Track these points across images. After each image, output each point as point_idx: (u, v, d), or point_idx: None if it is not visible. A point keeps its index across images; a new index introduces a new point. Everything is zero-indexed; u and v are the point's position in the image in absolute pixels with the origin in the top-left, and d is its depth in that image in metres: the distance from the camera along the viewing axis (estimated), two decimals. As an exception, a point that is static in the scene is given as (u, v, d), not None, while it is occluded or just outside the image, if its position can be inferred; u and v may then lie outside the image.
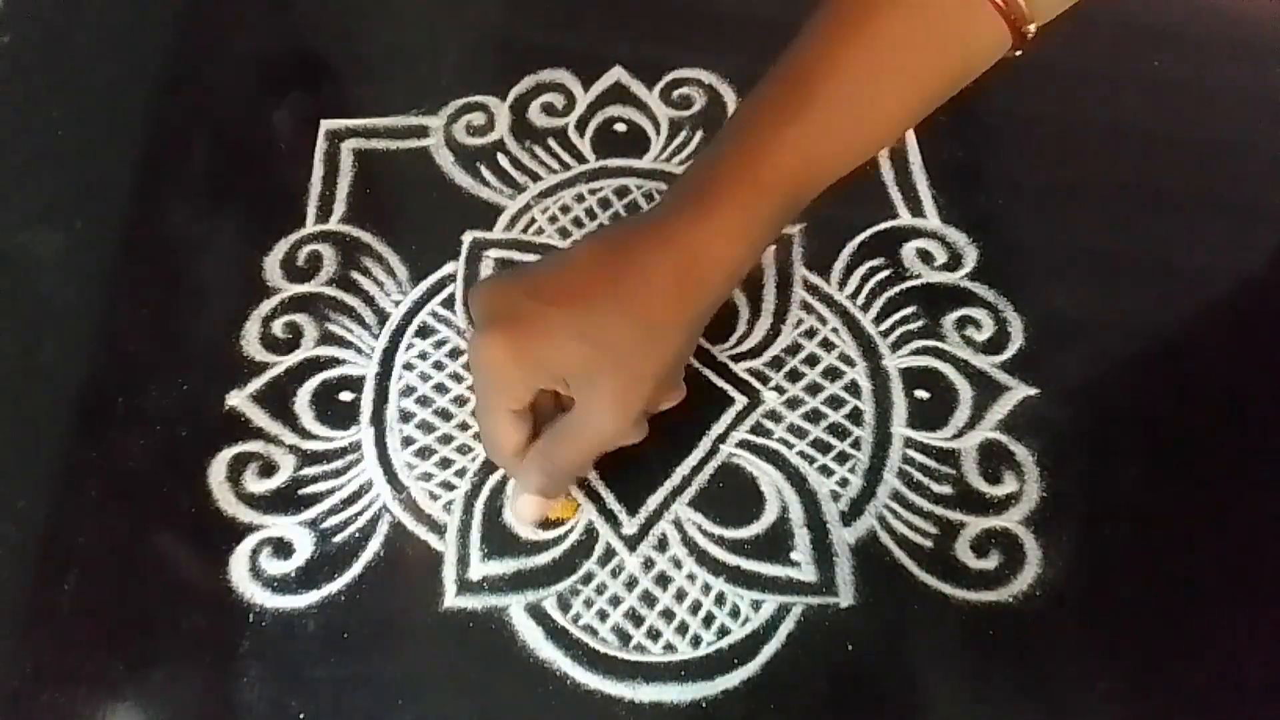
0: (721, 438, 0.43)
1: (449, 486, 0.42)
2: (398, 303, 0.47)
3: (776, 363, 0.45)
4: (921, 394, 0.45)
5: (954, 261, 0.48)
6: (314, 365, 0.45)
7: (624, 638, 0.39)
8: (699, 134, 0.51)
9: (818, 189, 0.36)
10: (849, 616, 0.40)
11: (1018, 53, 0.36)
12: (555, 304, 0.35)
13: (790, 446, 0.43)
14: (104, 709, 0.38)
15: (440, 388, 0.45)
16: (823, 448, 0.43)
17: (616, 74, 0.53)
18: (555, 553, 0.41)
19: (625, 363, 0.35)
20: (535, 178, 0.50)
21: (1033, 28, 0.35)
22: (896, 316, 0.46)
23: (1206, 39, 0.56)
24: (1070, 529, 0.41)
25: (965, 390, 0.45)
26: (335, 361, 0.45)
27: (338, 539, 0.41)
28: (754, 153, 0.35)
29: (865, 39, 0.34)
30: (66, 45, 0.55)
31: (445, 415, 0.44)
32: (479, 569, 0.40)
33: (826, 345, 0.46)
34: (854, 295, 0.47)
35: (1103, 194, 0.50)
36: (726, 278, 0.36)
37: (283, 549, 0.41)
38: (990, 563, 0.41)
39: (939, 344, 0.46)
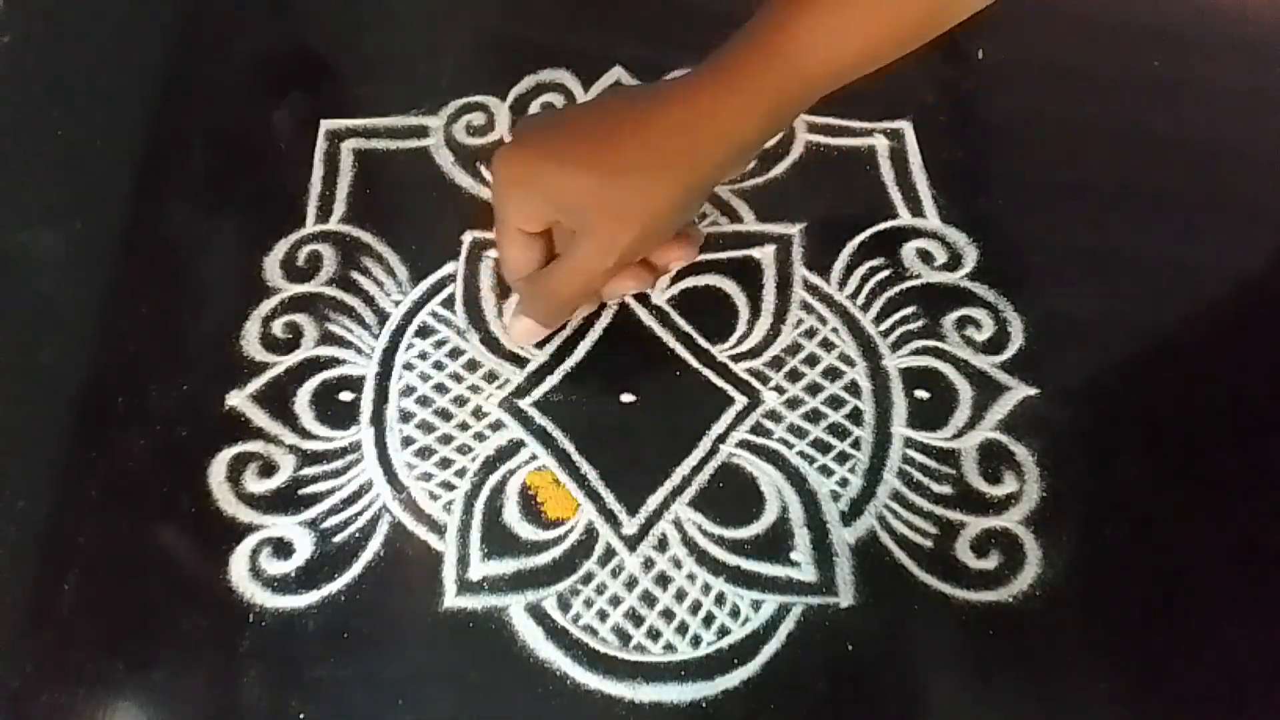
0: (721, 438, 0.43)
1: (449, 486, 0.42)
2: (398, 303, 0.47)
3: (776, 363, 0.45)
4: (921, 394, 0.45)
5: (954, 261, 0.48)
6: (314, 365, 0.45)
7: (624, 638, 0.39)
8: (699, 134, 0.51)
9: (836, 77, 0.38)
10: (849, 616, 0.40)
11: None
12: (565, 132, 0.39)
13: (790, 446, 0.43)
14: (104, 709, 0.38)
15: (440, 388, 0.45)
16: (823, 448, 0.43)
17: (616, 74, 0.53)
18: (555, 553, 0.41)
19: (612, 200, 0.38)
20: (535, 178, 0.50)
21: None
22: (896, 316, 0.46)
23: (1206, 39, 0.56)
24: (1070, 529, 0.41)
25: (965, 390, 0.45)
26: (335, 361, 0.45)
27: (338, 539, 0.41)
28: (773, 23, 0.37)
29: None
30: (66, 45, 0.55)
31: (445, 415, 0.44)
32: (479, 569, 0.40)
33: (826, 345, 0.46)
34: (854, 295, 0.47)
35: (1103, 194, 0.50)
36: (728, 144, 0.38)
37: (283, 549, 0.41)
38: (990, 563, 0.41)
39: (939, 344, 0.46)
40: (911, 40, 0.38)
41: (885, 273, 0.48)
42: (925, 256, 0.48)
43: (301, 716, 0.38)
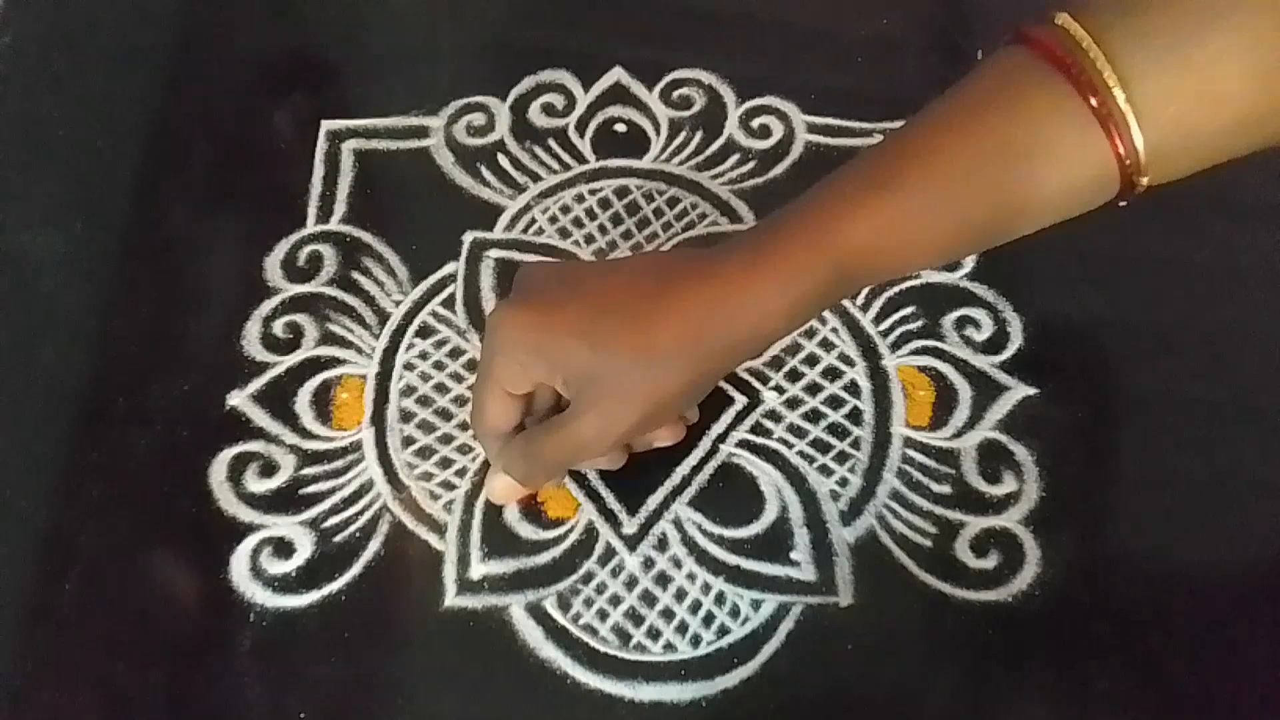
0: (721, 437, 0.43)
1: (449, 486, 0.42)
2: (398, 303, 0.47)
3: (776, 363, 0.45)
4: (921, 394, 0.45)
5: (953, 261, 0.48)
6: (314, 365, 0.45)
7: (624, 637, 0.39)
8: (699, 134, 0.51)
9: (876, 274, 0.35)
10: (849, 616, 0.40)
11: (1122, 204, 0.35)
12: (580, 300, 0.35)
13: (790, 446, 0.43)
14: (104, 709, 0.38)
15: (441, 388, 0.45)
16: (822, 447, 0.43)
17: (616, 74, 0.53)
18: (555, 552, 0.41)
19: (621, 381, 0.35)
20: (535, 178, 0.50)
21: (1145, 181, 0.33)
22: (896, 316, 0.46)
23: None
24: (1070, 529, 0.41)
25: (965, 390, 0.45)
26: (336, 361, 0.45)
27: (338, 539, 0.41)
28: (823, 214, 0.34)
29: (966, 133, 0.33)
30: (66, 45, 0.55)
31: (446, 415, 0.44)
32: (479, 568, 0.40)
33: (826, 345, 0.46)
34: (853, 295, 0.47)
35: (1102, 194, 0.50)
36: (750, 331, 0.35)
37: (283, 549, 0.41)
38: (990, 562, 0.41)
39: (938, 344, 0.46)
40: (978, 244, 0.35)
41: (885, 273, 0.48)
42: (925, 256, 0.48)
43: (302, 716, 0.38)
